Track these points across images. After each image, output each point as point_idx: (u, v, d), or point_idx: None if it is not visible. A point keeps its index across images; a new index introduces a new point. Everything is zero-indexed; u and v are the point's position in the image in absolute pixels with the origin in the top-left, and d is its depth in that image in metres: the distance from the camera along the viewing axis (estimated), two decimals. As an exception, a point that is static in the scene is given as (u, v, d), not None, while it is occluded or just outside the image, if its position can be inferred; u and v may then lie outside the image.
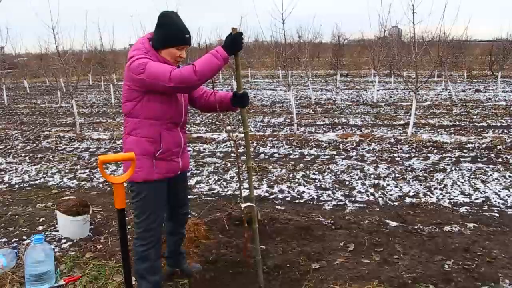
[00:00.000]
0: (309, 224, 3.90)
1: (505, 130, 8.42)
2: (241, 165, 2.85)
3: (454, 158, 6.40)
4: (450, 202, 4.61)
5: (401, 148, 7.15)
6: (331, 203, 4.69)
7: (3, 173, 6.25)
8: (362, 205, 4.62)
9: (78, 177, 5.96)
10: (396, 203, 4.63)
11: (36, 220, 4.28)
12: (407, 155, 6.66)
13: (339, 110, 12.03)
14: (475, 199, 4.67)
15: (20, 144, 8.34)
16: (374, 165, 6.14)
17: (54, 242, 3.70)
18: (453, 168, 5.88)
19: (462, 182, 5.24)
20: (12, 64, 26.22)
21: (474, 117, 10.11)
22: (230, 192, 5.16)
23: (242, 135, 3.63)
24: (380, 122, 9.83)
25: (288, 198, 4.90)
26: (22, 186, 5.64)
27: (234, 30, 2.42)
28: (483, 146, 7.03)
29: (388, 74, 23.00)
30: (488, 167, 5.85)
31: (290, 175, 5.73)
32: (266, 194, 5.03)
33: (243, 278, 3.05)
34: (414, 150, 6.96)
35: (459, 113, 10.83)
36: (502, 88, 16.71)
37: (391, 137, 7.89)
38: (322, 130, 8.97)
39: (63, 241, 3.72)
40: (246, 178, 3.48)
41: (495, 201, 4.60)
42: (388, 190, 5.06)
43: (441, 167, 5.92)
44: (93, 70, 21.01)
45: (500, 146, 6.95)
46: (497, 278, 2.93)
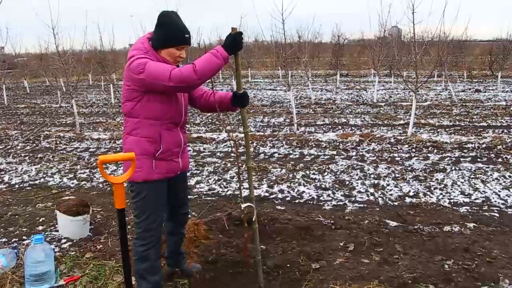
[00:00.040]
0: (309, 224, 3.90)
1: (505, 130, 8.42)
2: (241, 165, 2.85)
3: (454, 158, 6.40)
4: (450, 202, 4.61)
5: (401, 148, 7.15)
6: (331, 203, 4.69)
7: (3, 173, 6.25)
8: (362, 205, 4.62)
9: (78, 177, 5.96)
10: (396, 203, 4.63)
11: (36, 220, 4.28)
12: (407, 155, 6.66)
13: (339, 110, 12.03)
14: (475, 199, 4.67)
15: (20, 144, 8.34)
16: (374, 165, 6.14)
17: (54, 242, 3.70)
18: (453, 168, 5.88)
19: (462, 182, 5.24)
20: (12, 64, 26.24)
21: (474, 117, 10.11)
22: (230, 192, 5.16)
23: (242, 135, 3.63)
24: (380, 122, 9.83)
25: (288, 198, 4.90)
26: (22, 186, 5.64)
27: (234, 30, 2.42)
28: (483, 146, 7.03)
29: (388, 74, 23.00)
30: (488, 167, 5.85)
31: (290, 175, 5.73)
32: (266, 194, 5.03)
33: (243, 278, 3.05)
34: (414, 150, 6.96)
35: (459, 113, 10.83)
36: (502, 88, 16.71)
37: (391, 137, 7.89)
38: (322, 130, 8.97)
39: (63, 241, 3.72)
40: (246, 178, 3.48)
41: (495, 201, 4.60)
42: (388, 190, 5.06)
43: (441, 167, 5.92)
44: (93, 70, 21.02)
45: (500, 146, 6.95)
46: (497, 278, 2.93)
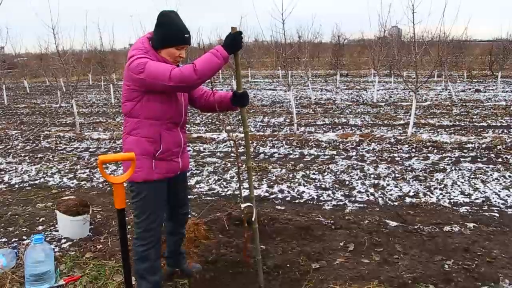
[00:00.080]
0: (309, 224, 3.90)
1: (505, 130, 8.41)
2: (241, 165, 2.85)
3: (454, 158, 6.40)
4: (450, 202, 4.61)
5: (401, 148, 7.15)
6: (331, 203, 4.69)
7: (3, 173, 6.25)
8: (362, 205, 4.61)
9: (78, 177, 5.96)
10: (396, 203, 4.62)
11: (36, 220, 4.28)
12: (407, 155, 6.66)
13: (339, 110, 12.03)
14: (475, 199, 4.67)
15: (20, 144, 8.34)
16: (374, 165, 6.14)
17: (54, 242, 3.70)
18: (453, 168, 5.88)
19: (462, 182, 5.24)
20: (12, 64, 26.24)
21: (474, 117, 10.11)
22: (230, 192, 5.16)
23: (242, 135, 3.63)
24: (380, 122, 9.82)
25: (288, 198, 4.90)
26: (22, 186, 5.64)
27: (234, 30, 2.42)
28: (483, 146, 7.03)
29: (388, 74, 22.99)
30: (488, 167, 5.85)
31: (290, 175, 5.73)
32: (266, 194, 5.03)
33: (243, 278, 3.05)
34: (414, 150, 6.96)
35: (459, 113, 10.83)
36: (502, 88, 16.71)
37: (391, 137, 7.89)
38: (322, 130, 8.97)
39: (63, 241, 3.72)
40: (246, 178, 3.48)
41: (495, 201, 4.60)
42: (388, 190, 5.06)
43: (441, 167, 5.92)
44: (93, 70, 21.02)
45: (500, 146, 6.95)
46: (497, 278, 2.93)
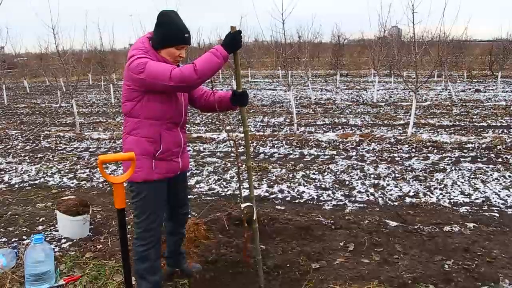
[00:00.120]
0: (309, 224, 3.90)
1: (505, 130, 8.41)
2: (241, 165, 2.85)
3: (454, 158, 6.40)
4: (450, 202, 4.61)
5: (401, 148, 7.15)
6: (331, 203, 4.69)
7: (3, 172, 6.25)
8: (362, 205, 4.61)
9: (78, 177, 5.96)
10: (396, 203, 4.62)
11: (36, 220, 4.28)
12: (407, 155, 6.66)
13: (339, 110, 12.03)
14: (475, 199, 4.67)
15: (20, 143, 8.34)
16: (374, 165, 6.14)
17: (54, 242, 3.70)
18: (453, 168, 5.88)
19: (462, 182, 5.24)
20: (12, 64, 26.26)
21: (474, 117, 10.11)
22: (230, 192, 5.15)
23: (242, 135, 3.63)
24: (380, 122, 9.82)
25: (288, 198, 4.90)
26: (22, 185, 5.64)
27: (233, 29, 2.42)
28: (483, 146, 7.03)
29: (388, 74, 22.99)
30: (488, 167, 5.85)
31: (290, 175, 5.73)
32: (266, 194, 5.03)
33: (243, 278, 3.05)
34: (414, 150, 6.96)
35: (459, 113, 10.83)
36: (502, 88, 16.71)
37: (391, 137, 7.89)
38: (322, 130, 8.96)
39: (63, 241, 3.72)
40: (246, 178, 3.48)
41: (495, 201, 4.60)
42: (388, 190, 5.06)
43: (441, 167, 5.92)
44: (93, 70, 21.03)
45: (500, 146, 6.95)
46: (497, 278, 2.93)
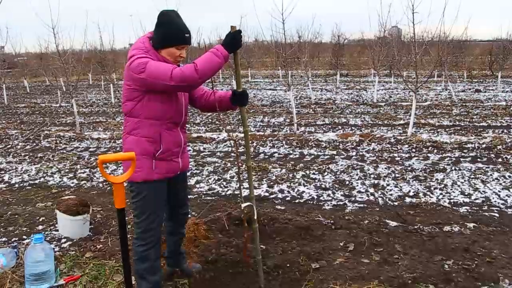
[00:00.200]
0: (309, 224, 3.90)
1: (505, 130, 8.41)
2: (241, 165, 2.85)
3: (454, 158, 6.40)
4: (450, 202, 4.61)
5: (401, 148, 7.15)
6: (331, 203, 4.69)
7: (3, 172, 6.25)
8: (362, 205, 4.61)
9: (78, 176, 5.96)
10: (396, 203, 4.63)
11: (36, 219, 4.28)
12: (407, 155, 6.66)
13: (339, 110, 12.03)
14: (475, 199, 4.67)
15: (20, 143, 8.34)
16: (374, 165, 6.14)
17: (54, 242, 3.70)
18: (453, 168, 5.88)
19: (462, 182, 5.24)
20: (12, 63, 26.25)
21: (474, 117, 10.11)
22: (230, 192, 5.15)
23: (242, 135, 3.63)
24: (380, 122, 9.82)
25: (288, 198, 4.90)
26: (22, 185, 5.64)
27: (233, 28, 2.42)
28: (483, 146, 7.03)
29: (388, 74, 22.99)
30: (488, 167, 5.85)
31: (290, 175, 5.73)
32: (266, 194, 5.03)
33: (243, 278, 3.05)
34: (414, 150, 6.96)
35: (459, 113, 10.83)
36: (502, 88, 16.71)
37: (391, 137, 7.89)
38: (322, 130, 8.97)
39: (63, 240, 3.72)
40: (246, 177, 3.48)
41: (495, 201, 4.60)
42: (388, 190, 5.06)
43: (441, 167, 5.92)
44: (93, 69, 21.02)
45: (500, 146, 6.95)
46: (497, 278, 2.93)
